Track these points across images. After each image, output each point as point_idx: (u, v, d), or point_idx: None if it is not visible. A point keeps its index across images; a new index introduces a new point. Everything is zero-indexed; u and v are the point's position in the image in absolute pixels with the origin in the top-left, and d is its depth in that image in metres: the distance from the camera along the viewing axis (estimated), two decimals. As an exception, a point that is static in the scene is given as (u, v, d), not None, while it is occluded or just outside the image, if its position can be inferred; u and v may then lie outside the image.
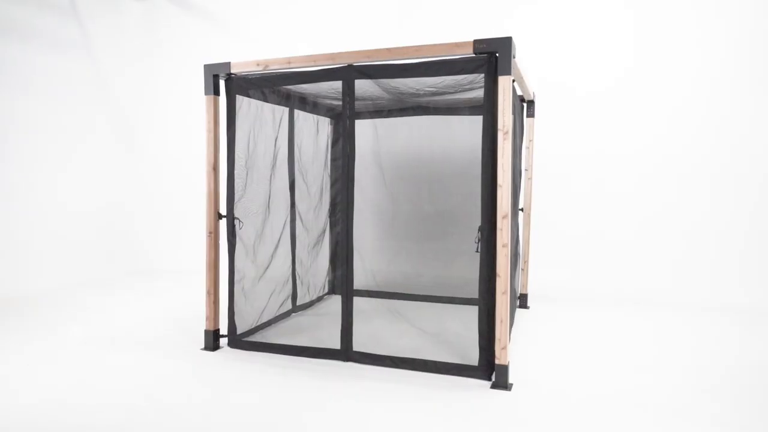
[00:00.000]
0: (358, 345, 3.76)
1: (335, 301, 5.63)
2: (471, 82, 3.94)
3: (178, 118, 7.77)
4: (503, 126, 3.17)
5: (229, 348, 4.01)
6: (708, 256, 5.75)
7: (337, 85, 3.97)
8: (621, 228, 6.07)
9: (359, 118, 5.37)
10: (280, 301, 4.78)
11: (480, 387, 3.28)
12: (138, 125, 7.91)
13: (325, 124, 5.60)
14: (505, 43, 3.14)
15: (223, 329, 4.16)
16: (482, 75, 3.49)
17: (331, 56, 3.54)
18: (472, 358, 3.59)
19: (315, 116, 5.35)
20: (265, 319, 4.49)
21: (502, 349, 3.25)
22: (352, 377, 3.43)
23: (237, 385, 3.28)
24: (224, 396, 3.12)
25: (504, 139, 3.17)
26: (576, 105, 6.18)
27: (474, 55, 3.27)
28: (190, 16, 7.61)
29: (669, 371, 3.58)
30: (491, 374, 3.38)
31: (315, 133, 5.41)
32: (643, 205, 6.00)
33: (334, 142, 5.78)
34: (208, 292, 3.96)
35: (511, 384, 3.29)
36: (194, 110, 7.62)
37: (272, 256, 4.61)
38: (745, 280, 5.58)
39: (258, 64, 3.71)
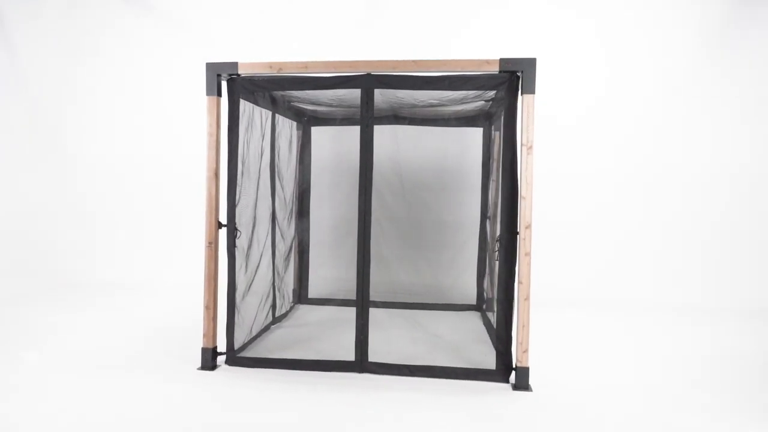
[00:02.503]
0: (372, 355, 3.72)
1: (306, 312, 5.48)
2: (475, 97, 4.12)
3: (104, 115, 7.06)
4: (527, 141, 3.36)
5: (227, 366, 3.76)
6: (677, 259, 6.40)
7: (342, 92, 3.94)
8: (589, 234, 6.54)
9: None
10: (264, 314, 4.57)
11: (501, 390, 3.43)
12: (61, 124, 7.06)
13: (293, 129, 5.45)
14: (530, 64, 3.34)
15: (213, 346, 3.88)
16: (490, 91, 3.70)
17: (352, 63, 3.49)
18: (486, 362, 3.74)
19: (290, 121, 5.20)
20: (254, 333, 4.27)
21: (524, 352, 3.43)
22: (372, 388, 3.40)
23: (258, 407, 3.09)
24: (252, 419, 2.93)
25: (528, 153, 3.36)
26: (553, 126, 6.54)
27: (497, 73, 3.43)
28: (120, 4, 6.95)
29: (664, 367, 4.00)
30: (508, 377, 3.55)
31: (289, 137, 5.26)
32: (613, 214, 6.54)
33: (303, 148, 5.65)
34: (207, 307, 3.69)
35: (530, 385, 3.47)
36: (122, 106, 6.99)
37: (258, 266, 4.40)
38: (717, 280, 6.31)
39: (270, 67, 3.54)
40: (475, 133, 5.52)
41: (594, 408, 3.16)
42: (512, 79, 3.43)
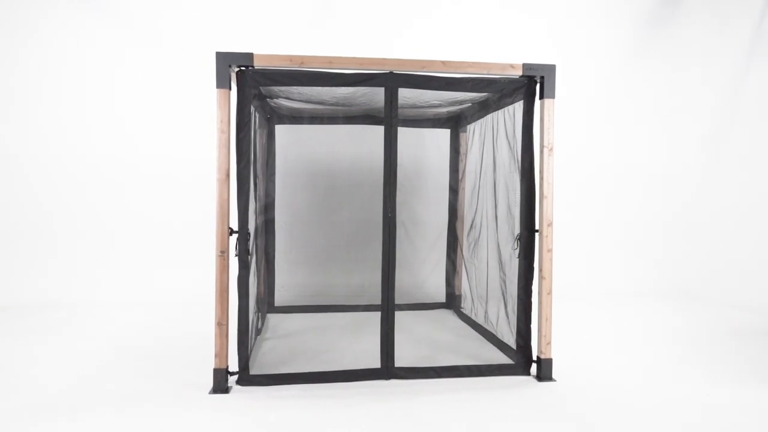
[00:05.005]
0: (396, 360, 3.63)
1: (279, 321, 5.16)
2: (466, 100, 4.23)
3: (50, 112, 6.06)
4: (548, 143, 3.53)
5: (240, 387, 3.41)
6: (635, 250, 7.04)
7: (348, 90, 3.81)
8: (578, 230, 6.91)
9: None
10: (254, 327, 4.22)
11: (528, 382, 3.56)
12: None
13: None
14: (551, 70, 3.51)
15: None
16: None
17: (377, 61, 3.38)
18: (495, 357, 3.89)
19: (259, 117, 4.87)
20: (251, 349, 3.92)
21: (547, 344, 3.59)
22: (411, 394, 3.32)
23: (313, 429, 2.87)
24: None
25: (549, 154, 3.53)
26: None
27: (517, 77, 3.55)
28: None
29: (667, 348, 4.44)
30: (529, 369, 3.69)
31: (260, 136, 4.93)
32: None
33: (268, 147, 5.33)
34: (220, 324, 3.32)
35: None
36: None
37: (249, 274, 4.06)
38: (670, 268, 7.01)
39: (291, 60, 3.30)
40: (443, 134, 5.64)
41: (616, 390, 3.42)
42: (531, 84, 3.58)
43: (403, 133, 5.40)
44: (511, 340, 3.99)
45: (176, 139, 6.29)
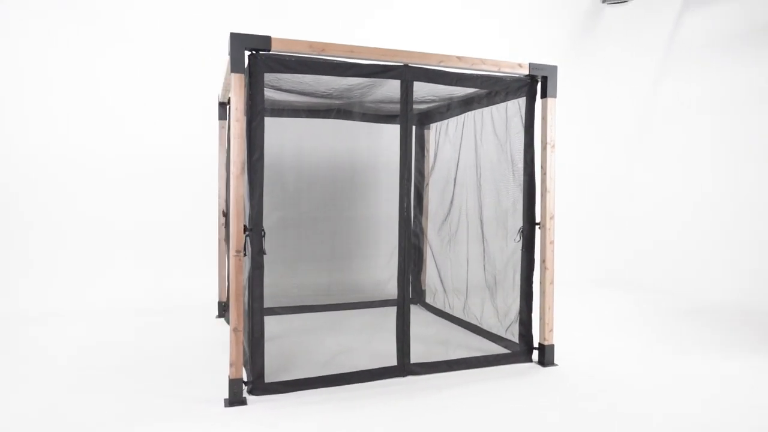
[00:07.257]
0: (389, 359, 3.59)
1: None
2: (456, 96, 4.33)
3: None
4: (551, 140, 3.71)
5: (255, 397, 3.15)
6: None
7: (350, 81, 3.69)
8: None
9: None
10: (244, 332, 3.92)
11: (533, 368, 3.72)
12: None
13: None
14: (553, 70, 3.69)
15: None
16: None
17: (394, 52, 3.32)
18: (491, 348, 4.02)
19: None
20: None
21: (550, 331, 3.78)
22: (431, 389, 3.31)
23: None
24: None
25: (551, 151, 3.71)
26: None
27: (521, 76, 3.68)
28: None
29: (656, 327, 4.82)
30: (531, 356, 3.86)
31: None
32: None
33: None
34: (236, 329, 3.04)
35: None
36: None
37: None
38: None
39: (311, 46, 3.11)
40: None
41: (615, 370, 3.70)
42: (532, 83, 3.74)
43: (365, 128, 5.40)
44: (500, 330, 4.14)
45: (167, 131, 5.81)
